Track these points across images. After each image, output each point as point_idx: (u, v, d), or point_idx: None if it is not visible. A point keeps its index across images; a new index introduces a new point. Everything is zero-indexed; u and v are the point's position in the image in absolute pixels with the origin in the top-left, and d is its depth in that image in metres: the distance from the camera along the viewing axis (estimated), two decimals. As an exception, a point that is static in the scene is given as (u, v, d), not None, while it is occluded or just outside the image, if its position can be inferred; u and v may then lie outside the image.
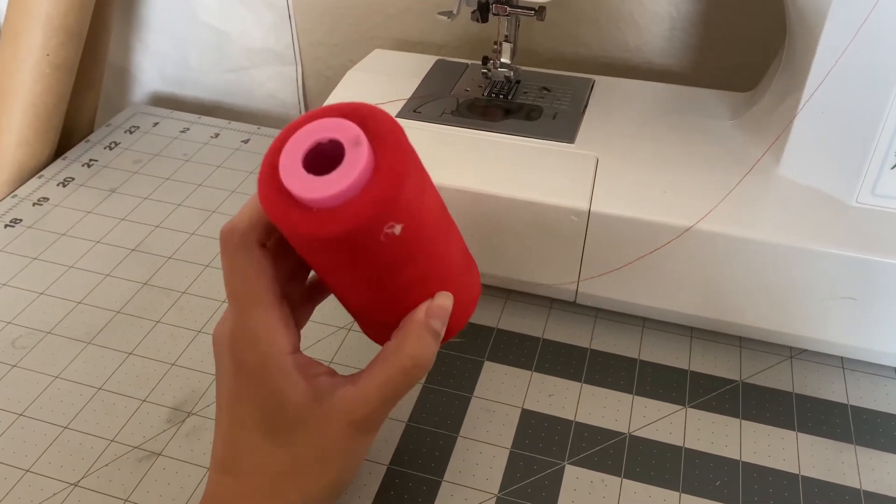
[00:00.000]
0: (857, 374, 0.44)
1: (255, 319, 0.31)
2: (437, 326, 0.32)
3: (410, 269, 0.31)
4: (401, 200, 0.28)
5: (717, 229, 0.40)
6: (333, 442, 0.31)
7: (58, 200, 0.58)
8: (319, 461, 0.31)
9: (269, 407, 0.31)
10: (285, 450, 0.31)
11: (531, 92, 0.51)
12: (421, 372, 0.32)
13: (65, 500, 0.38)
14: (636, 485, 0.38)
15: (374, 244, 0.29)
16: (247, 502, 0.31)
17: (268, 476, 0.31)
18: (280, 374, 0.31)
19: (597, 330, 0.47)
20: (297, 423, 0.31)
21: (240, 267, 0.31)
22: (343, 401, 0.31)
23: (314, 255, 0.31)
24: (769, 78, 0.48)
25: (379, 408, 0.31)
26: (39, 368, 0.45)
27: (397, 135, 0.29)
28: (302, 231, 0.28)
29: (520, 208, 0.43)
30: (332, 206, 0.28)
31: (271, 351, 0.31)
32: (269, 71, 0.71)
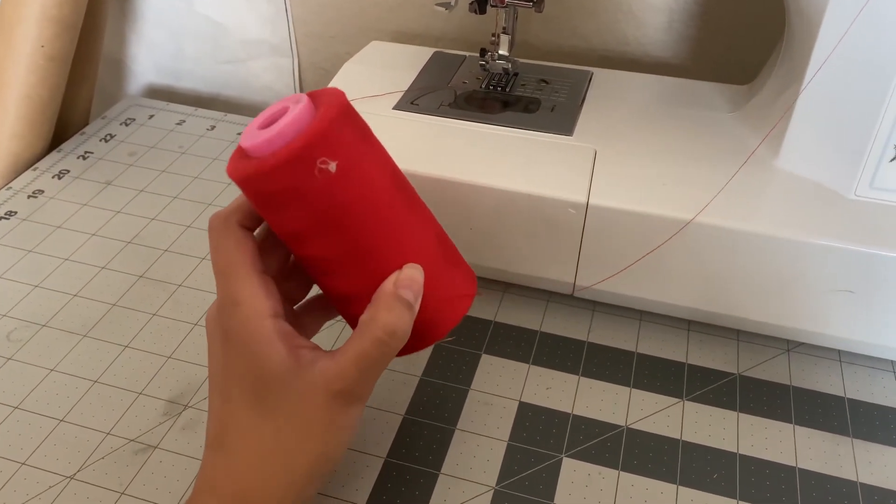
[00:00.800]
0: (854, 368, 0.44)
1: (236, 286, 0.32)
2: (408, 296, 0.32)
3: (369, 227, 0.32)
4: (330, 138, 0.31)
5: (715, 222, 0.40)
6: (315, 413, 0.31)
7: (53, 193, 0.58)
8: (303, 433, 0.31)
9: (253, 372, 0.32)
10: (269, 422, 0.31)
11: (529, 84, 0.51)
12: (395, 341, 0.32)
13: (61, 492, 0.38)
14: (633, 477, 0.38)
15: (311, 181, 0.31)
16: (235, 478, 0.32)
17: (254, 450, 0.32)
18: (261, 337, 0.31)
19: (594, 323, 0.47)
20: (280, 391, 0.31)
21: (221, 243, 0.33)
22: (322, 373, 0.31)
23: (270, 211, 0.32)
24: (768, 70, 0.47)
25: (358, 379, 0.31)
26: (35, 361, 0.45)
27: (338, 97, 0.32)
28: (246, 174, 0.31)
29: (517, 201, 0.43)
30: (273, 149, 0.30)
31: (252, 314, 0.31)
32: (265, 63, 0.71)
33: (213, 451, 0.33)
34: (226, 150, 0.63)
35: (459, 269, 0.36)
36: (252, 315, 0.31)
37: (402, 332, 0.32)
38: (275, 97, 0.73)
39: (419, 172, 0.43)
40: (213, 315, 0.34)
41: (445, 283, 0.35)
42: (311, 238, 0.32)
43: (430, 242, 0.34)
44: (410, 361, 0.44)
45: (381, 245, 0.33)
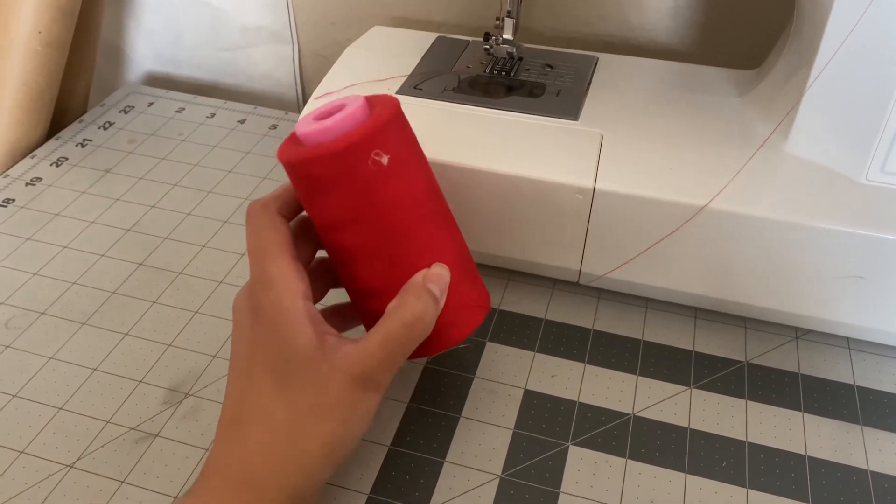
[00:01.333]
0: (863, 355, 0.44)
1: (271, 266, 0.33)
2: (436, 290, 0.34)
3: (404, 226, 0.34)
4: (386, 134, 0.33)
5: (723, 207, 0.40)
6: (334, 396, 0.31)
7: (51, 180, 0.57)
8: (319, 415, 0.31)
9: (278, 350, 0.32)
10: (286, 400, 0.31)
11: (534, 69, 0.50)
12: (420, 329, 0.33)
13: (60, 481, 0.37)
14: (641, 465, 0.38)
15: (364, 170, 0.33)
16: (246, 457, 0.31)
17: (268, 429, 0.31)
18: (292, 317, 0.32)
19: (600, 311, 0.46)
20: (301, 371, 0.31)
21: (258, 226, 0.34)
22: (346, 357, 0.32)
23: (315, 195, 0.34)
24: (776, 54, 0.47)
25: (380, 363, 0.32)
26: (34, 349, 0.44)
27: (394, 102, 0.35)
28: (303, 157, 0.33)
29: (523, 186, 0.42)
30: (329, 138, 0.33)
31: (285, 293, 0.32)
32: (265, 50, 0.70)
33: (227, 431, 0.32)
34: (225, 137, 0.62)
35: (476, 283, 0.38)
36: (285, 294, 0.32)
37: (428, 320, 0.33)
38: (275, 85, 0.72)
39: (423, 157, 0.42)
40: (243, 296, 0.34)
41: (463, 292, 0.36)
42: (347, 226, 0.34)
43: (454, 252, 0.36)
44: (414, 349, 0.44)
45: (412, 244, 0.35)
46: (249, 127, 0.63)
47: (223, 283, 0.48)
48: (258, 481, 0.31)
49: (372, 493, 0.37)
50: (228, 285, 0.48)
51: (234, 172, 0.58)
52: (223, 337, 0.45)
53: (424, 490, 0.37)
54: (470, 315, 0.37)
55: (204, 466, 0.32)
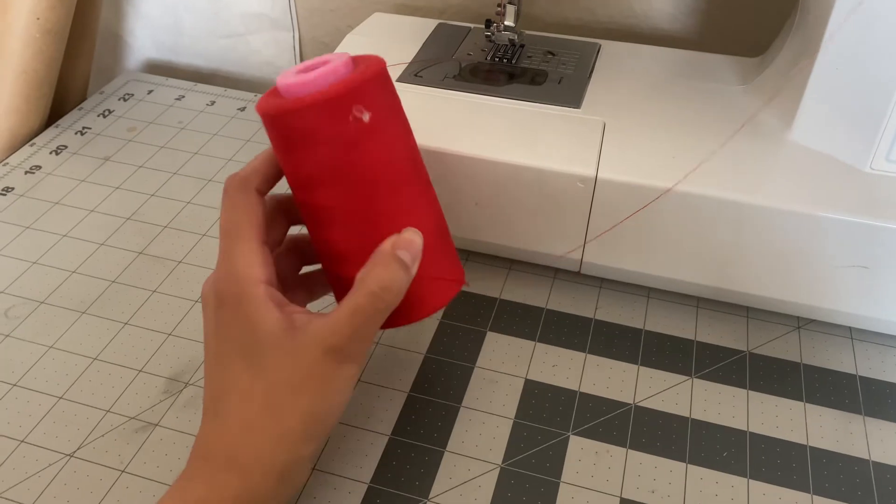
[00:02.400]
0: (865, 345, 0.43)
1: (237, 253, 0.33)
2: (405, 257, 0.33)
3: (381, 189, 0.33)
4: (369, 92, 0.33)
5: (726, 196, 0.39)
6: (308, 370, 0.31)
7: (50, 169, 0.57)
8: (294, 391, 0.31)
9: (246, 334, 0.32)
10: (260, 381, 0.31)
11: (536, 56, 0.50)
12: (389, 297, 0.32)
13: (60, 470, 0.37)
14: (642, 455, 0.38)
15: (343, 125, 0.32)
16: (227, 441, 0.31)
17: (245, 410, 0.31)
18: (254, 300, 0.32)
19: (601, 300, 0.46)
20: (272, 351, 0.31)
21: (232, 205, 0.34)
22: (316, 331, 0.31)
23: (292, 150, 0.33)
24: (780, 42, 0.46)
25: (350, 335, 0.31)
26: (33, 338, 0.44)
27: (380, 61, 0.34)
28: (282, 108, 0.32)
29: (524, 175, 0.42)
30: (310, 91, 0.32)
31: (247, 278, 0.32)
32: (265, 37, 0.70)
33: (208, 418, 0.33)
34: (226, 125, 0.62)
35: (452, 257, 0.37)
36: (246, 281, 0.32)
37: (397, 289, 0.32)
38: (275, 72, 0.72)
39: (423, 145, 0.41)
40: (209, 283, 0.34)
41: (437, 264, 0.35)
42: (324, 184, 0.33)
43: (430, 223, 0.35)
44: (414, 339, 0.44)
45: (388, 207, 0.34)
46: (250, 115, 0.63)
47: (223, 272, 0.48)
48: (242, 461, 0.31)
49: (372, 483, 0.37)
50: (228, 274, 0.48)
51: (234, 160, 0.58)
52: (223, 326, 0.44)
53: (425, 479, 0.37)
54: (444, 288, 0.36)
55: (191, 452, 0.32)
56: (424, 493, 0.36)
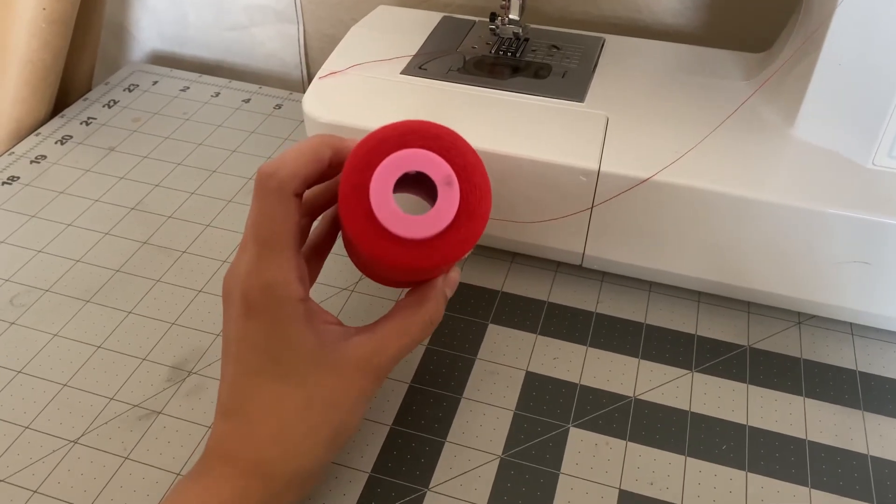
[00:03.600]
0: (866, 341, 0.43)
1: (274, 264, 0.31)
2: (449, 294, 0.36)
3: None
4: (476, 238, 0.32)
5: (729, 191, 0.39)
6: (348, 386, 0.32)
7: (56, 158, 0.57)
8: (331, 406, 0.32)
9: (280, 351, 0.31)
10: (297, 393, 0.31)
11: (540, 50, 0.50)
12: (432, 329, 0.35)
13: (64, 456, 0.38)
14: (641, 448, 0.38)
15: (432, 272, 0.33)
16: (256, 447, 0.31)
17: (278, 420, 0.31)
18: (292, 320, 0.31)
19: (603, 294, 0.46)
20: (310, 366, 0.31)
21: (271, 210, 0.31)
22: (359, 347, 0.32)
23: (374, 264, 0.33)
24: (784, 38, 0.46)
25: (392, 356, 0.33)
26: (38, 326, 0.44)
27: (482, 173, 0.32)
28: (391, 261, 0.30)
29: (527, 168, 0.42)
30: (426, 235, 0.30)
31: (285, 297, 0.31)
32: (269, 30, 0.70)
33: (229, 419, 0.32)
34: (230, 116, 0.62)
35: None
36: (285, 298, 0.31)
37: (439, 321, 0.35)
38: (280, 64, 0.72)
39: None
40: (237, 281, 0.32)
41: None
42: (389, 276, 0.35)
43: None
44: (416, 330, 0.44)
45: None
46: (254, 107, 0.63)
47: (227, 262, 0.48)
48: (269, 468, 0.31)
49: (373, 472, 0.37)
50: (232, 265, 0.48)
51: (238, 152, 0.58)
52: (226, 316, 0.45)
53: (425, 469, 0.37)
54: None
55: (207, 451, 0.32)
56: (425, 482, 0.37)
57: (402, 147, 0.31)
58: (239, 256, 0.32)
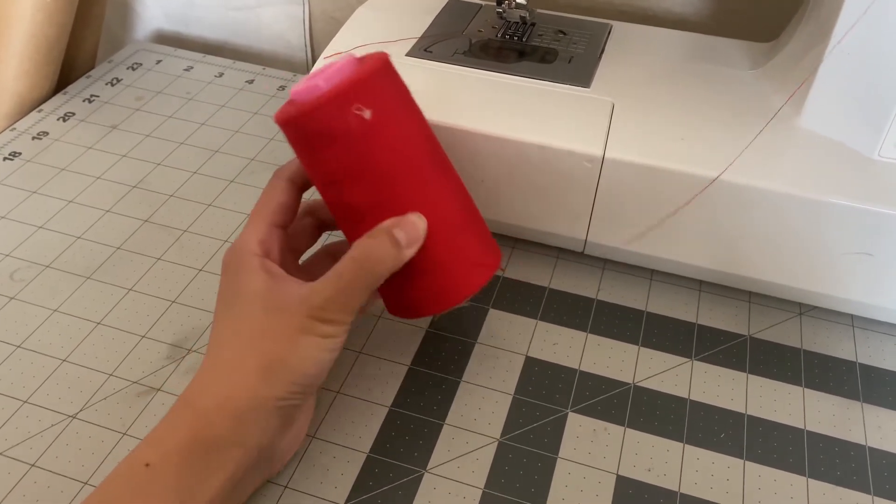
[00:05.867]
0: (867, 333, 0.43)
1: (247, 230, 0.36)
2: (400, 236, 0.34)
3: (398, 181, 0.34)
4: (367, 88, 0.33)
5: (733, 180, 0.39)
6: (279, 320, 0.32)
7: (58, 135, 0.57)
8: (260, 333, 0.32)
9: (230, 296, 0.34)
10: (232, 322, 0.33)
11: (546, 35, 0.49)
12: (371, 265, 0.33)
13: (63, 431, 0.38)
14: (640, 434, 0.38)
15: (345, 124, 0.33)
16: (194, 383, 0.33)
17: (214, 354, 0.33)
18: (246, 269, 0.34)
19: (604, 281, 0.46)
20: (248, 302, 0.33)
21: (264, 190, 0.37)
22: (298, 291, 0.33)
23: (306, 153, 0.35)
24: (793, 28, 0.46)
25: (331, 296, 0.33)
26: (38, 301, 0.44)
27: (382, 56, 0.35)
28: (288, 115, 0.34)
29: (531, 153, 0.42)
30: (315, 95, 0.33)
31: (245, 252, 0.35)
32: (275, 10, 0.70)
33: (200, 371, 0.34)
34: (233, 97, 0.62)
35: (482, 240, 0.37)
36: (244, 253, 0.35)
37: (380, 260, 0.33)
38: (284, 46, 0.71)
39: (430, 121, 0.41)
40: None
41: (464, 248, 0.36)
42: (342, 182, 0.34)
43: (452, 207, 0.36)
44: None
45: (407, 199, 0.34)
46: (258, 87, 0.63)
47: (228, 241, 0.48)
48: (197, 400, 0.32)
49: (371, 453, 0.37)
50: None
51: (240, 132, 0.58)
52: (227, 295, 0.45)
53: (423, 451, 0.37)
54: (471, 274, 0.36)
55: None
56: (423, 464, 0.37)
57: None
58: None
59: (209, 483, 0.31)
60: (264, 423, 0.32)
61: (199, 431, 0.31)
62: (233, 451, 0.31)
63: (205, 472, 0.31)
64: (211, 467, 0.31)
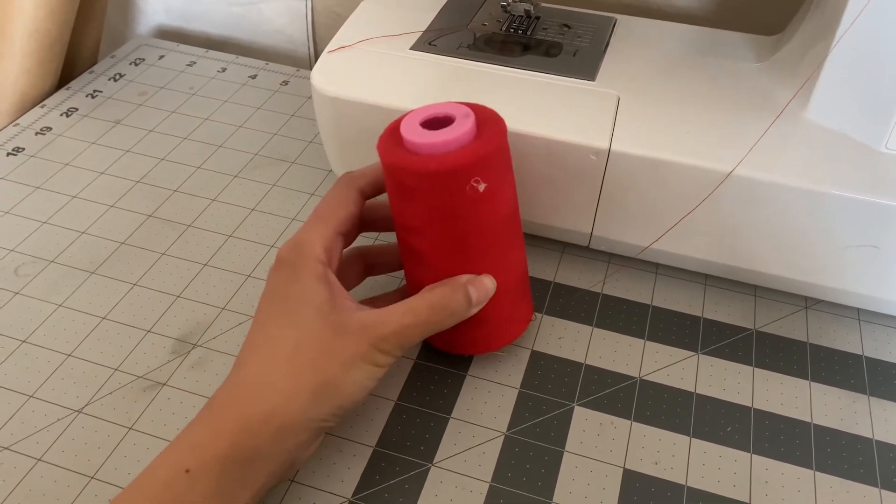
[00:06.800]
0: (873, 326, 0.43)
1: (311, 231, 0.35)
2: (473, 294, 0.35)
3: (475, 247, 0.35)
4: (490, 162, 0.34)
5: (739, 173, 0.39)
6: (342, 342, 0.32)
7: (61, 130, 0.57)
8: (321, 353, 0.32)
9: (289, 297, 0.33)
10: (293, 332, 0.32)
11: (551, 28, 0.49)
12: (443, 315, 0.34)
13: (69, 425, 0.38)
14: (646, 428, 0.38)
15: (459, 194, 0.34)
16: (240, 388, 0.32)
17: (267, 363, 0.32)
18: (310, 274, 0.33)
19: (609, 275, 0.46)
20: (312, 315, 0.32)
21: (334, 194, 0.36)
22: (363, 315, 0.33)
23: (402, 199, 0.35)
24: (798, 21, 0.46)
25: (396, 330, 0.32)
26: (42, 296, 0.44)
27: (499, 121, 0.36)
28: (404, 164, 0.33)
29: (537, 146, 0.41)
30: (438, 153, 0.33)
31: (308, 253, 0.34)
32: (277, 5, 0.69)
33: (232, 371, 0.33)
34: (236, 92, 0.61)
35: (526, 299, 0.40)
36: (308, 255, 0.34)
37: (452, 312, 0.34)
38: (287, 41, 0.71)
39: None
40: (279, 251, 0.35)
41: (513, 309, 0.39)
42: (424, 233, 0.35)
43: (515, 271, 0.38)
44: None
45: (481, 262, 0.36)
46: (260, 83, 0.63)
47: (232, 236, 0.48)
48: (247, 410, 0.31)
49: (377, 447, 0.37)
50: (238, 239, 0.48)
51: (244, 128, 0.58)
52: (232, 290, 0.45)
53: (430, 444, 0.37)
54: (513, 329, 0.40)
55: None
56: (429, 458, 0.37)
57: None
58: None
59: (244, 491, 0.31)
60: (302, 439, 0.32)
61: (242, 441, 0.30)
62: (270, 464, 0.31)
63: (241, 480, 0.30)
64: (247, 476, 0.31)
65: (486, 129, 0.35)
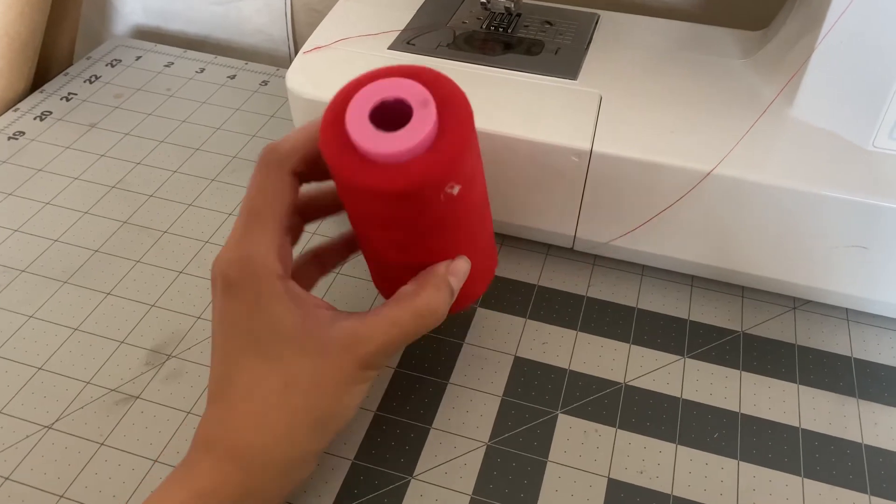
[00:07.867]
0: (861, 327, 0.43)
1: (256, 237, 0.30)
2: (454, 284, 0.33)
3: (449, 234, 0.32)
4: (465, 162, 0.29)
5: (725, 172, 0.38)
6: (331, 372, 0.30)
7: (34, 135, 0.56)
8: (312, 387, 0.30)
9: (259, 331, 0.30)
10: (279, 372, 0.30)
11: (532, 26, 0.48)
12: (431, 321, 0.32)
13: (38, 441, 0.37)
14: (631, 435, 0.37)
15: (433, 202, 0.29)
16: (234, 432, 0.30)
17: (256, 401, 0.30)
18: (272, 297, 0.30)
19: (594, 277, 0.45)
20: (291, 346, 0.30)
21: (265, 182, 0.31)
22: (345, 332, 0.30)
23: (362, 205, 0.31)
24: (784, 16, 0.45)
25: (383, 346, 0.30)
26: (13, 307, 0.43)
27: (462, 99, 0.30)
28: (366, 183, 0.28)
29: (517, 147, 0.40)
30: (398, 162, 0.28)
31: (263, 272, 0.30)
32: (256, 4, 0.68)
33: (211, 405, 0.31)
34: (215, 93, 0.60)
35: (493, 259, 0.38)
36: (264, 273, 0.30)
37: (441, 313, 0.32)
38: (266, 40, 0.70)
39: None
40: (219, 260, 0.31)
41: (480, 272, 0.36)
42: (388, 229, 0.31)
43: (485, 237, 0.36)
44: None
45: (451, 244, 0.33)
46: (240, 83, 0.62)
47: (209, 242, 0.47)
48: (247, 455, 0.30)
49: (356, 459, 0.36)
50: (214, 245, 0.47)
51: (222, 129, 0.56)
52: (208, 298, 0.44)
53: (409, 456, 0.36)
54: (475, 290, 0.36)
55: (194, 437, 0.31)
56: (409, 470, 0.36)
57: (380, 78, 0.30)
58: (229, 236, 0.32)
59: None
60: (305, 471, 0.32)
61: (251, 488, 0.30)
62: (276, 499, 0.31)
63: None
64: None
65: (449, 117, 0.29)
